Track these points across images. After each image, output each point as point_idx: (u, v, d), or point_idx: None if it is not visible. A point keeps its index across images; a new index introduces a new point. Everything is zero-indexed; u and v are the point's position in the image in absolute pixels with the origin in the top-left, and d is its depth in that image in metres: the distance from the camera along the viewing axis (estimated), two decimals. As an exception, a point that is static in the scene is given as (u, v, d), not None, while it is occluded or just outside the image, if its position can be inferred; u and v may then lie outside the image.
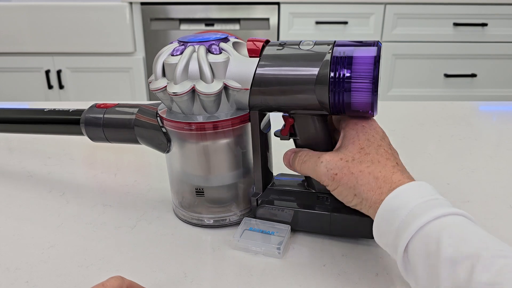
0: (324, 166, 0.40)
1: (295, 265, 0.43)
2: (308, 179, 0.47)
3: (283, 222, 0.47)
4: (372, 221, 0.43)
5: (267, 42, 0.43)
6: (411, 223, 0.33)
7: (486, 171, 0.63)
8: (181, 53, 0.42)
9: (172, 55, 0.43)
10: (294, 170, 0.45)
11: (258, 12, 1.89)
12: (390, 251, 0.36)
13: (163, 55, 0.43)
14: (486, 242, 0.30)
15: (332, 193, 0.41)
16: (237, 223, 0.48)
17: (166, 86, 0.43)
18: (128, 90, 1.98)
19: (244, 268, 0.42)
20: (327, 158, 0.40)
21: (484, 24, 1.89)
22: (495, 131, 0.80)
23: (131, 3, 1.86)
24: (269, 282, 0.40)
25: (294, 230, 0.47)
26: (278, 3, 1.87)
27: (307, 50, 0.40)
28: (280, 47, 0.42)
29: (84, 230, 0.49)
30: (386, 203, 0.35)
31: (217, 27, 1.90)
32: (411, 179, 0.37)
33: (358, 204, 0.38)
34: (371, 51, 0.38)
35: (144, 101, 0.66)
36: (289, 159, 0.45)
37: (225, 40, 0.44)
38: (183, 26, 1.89)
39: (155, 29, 1.90)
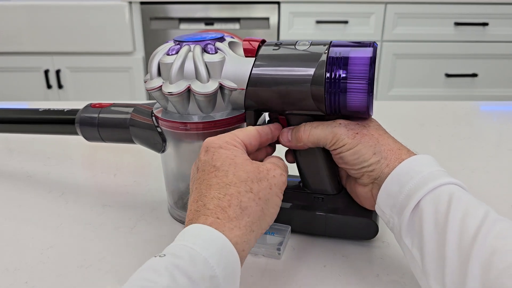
0: (344, 126, 0.40)
1: (295, 266, 0.42)
2: (304, 179, 0.47)
3: (279, 222, 0.46)
4: (367, 222, 0.43)
5: (263, 42, 0.43)
6: (426, 184, 0.35)
7: (487, 171, 0.62)
8: (177, 52, 0.42)
9: (168, 54, 0.42)
10: (296, 142, 0.42)
11: (258, 11, 1.88)
12: (392, 213, 0.37)
13: (159, 55, 0.43)
14: (489, 210, 0.34)
15: (347, 153, 0.40)
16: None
17: (161, 86, 0.42)
18: (127, 90, 1.98)
19: (244, 269, 0.42)
20: (345, 121, 0.40)
21: (485, 24, 1.89)
22: (496, 131, 0.80)
23: (130, 2, 1.85)
24: (269, 283, 0.40)
25: (294, 231, 0.46)
26: (278, 3, 1.86)
27: (303, 50, 0.40)
28: (276, 47, 0.41)
29: (83, 230, 0.49)
30: (405, 164, 0.38)
31: (216, 26, 1.89)
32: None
33: (374, 163, 0.39)
34: (367, 52, 0.38)
35: (143, 100, 0.66)
36: (288, 133, 0.43)
37: (221, 39, 0.44)
38: (183, 26, 1.89)
39: (155, 29, 1.90)
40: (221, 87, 0.42)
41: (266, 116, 0.48)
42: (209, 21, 1.90)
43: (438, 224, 0.34)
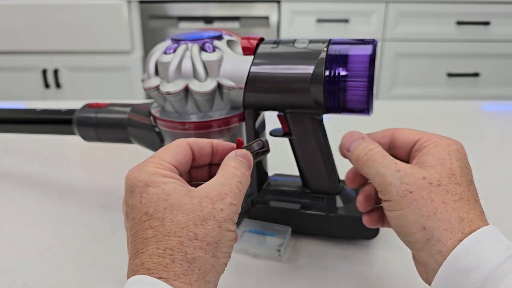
0: (399, 177, 0.30)
1: (295, 267, 0.42)
2: (304, 179, 0.46)
3: (279, 222, 0.46)
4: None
5: (261, 40, 0.43)
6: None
7: (490, 171, 0.62)
8: (174, 51, 0.42)
9: (165, 53, 0.42)
10: (350, 159, 0.34)
11: (258, 10, 1.88)
12: None
13: (156, 54, 0.43)
14: None
15: (391, 214, 0.31)
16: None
17: (159, 85, 0.42)
18: (125, 89, 1.98)
19: (244, 270, 0.42)
20: (407, 169, 0.31)
21: (487, 23, 1.88)
22: (498, 131, 0.79)
23: (129, 1, 1.85)
24: (269, 285, 0.40)
25: (294, 231, 0.46)
26: (278, 1, 1.86)
27: (302, 48, 0.40)
28: (275, 45, 0.41)
29: (81, 231, 0.49)
30: (454, 256, 0.27)
31: (216, 25, 1.89)
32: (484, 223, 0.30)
33: (422, 241, 0.29)
34: (367, 50, 0.37)
35: (142, 100, 0.66)
36: (350, 143, 0.34)
37: (219, 38, 0.44)
38: (182, 24, 1.89)
39: (153, 27, 1.89)
40: (219, 86, 0.41)
41: (264, 115, 0.48)
42: (208, 20, 1.89)
43: None
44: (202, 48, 0.42)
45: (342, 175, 0.45)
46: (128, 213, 0.29)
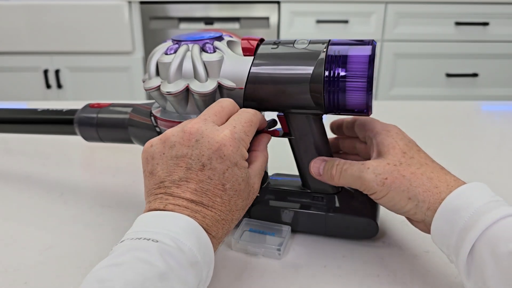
0: (371, 172, 0.37)
1: (295, 266, 0.42)
2: (303, 179, 0.46)
3: (278, 222, 0.46)
4: (367, 221, 0.43)
5: (261, 40, 0.43)
6: (476, 224, 0.32)
7: (489, 171, 0.62)
8: (175, 52, 0.42)
9: (166, 54, 0.42)
10: (328, 180, 0.41)
11: (258, 11, 1.88)
12: (450, 252, 0.35)
13: (157, 54, 0.43)
14: None
15: (381, 201, 0.38)
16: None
17: (160, 85, 0.42)
18: (127, 90, 1.98)
19: (244, 269, 0.42)
20: (373, 164, 0.38)
21: (486, 23, 1.88)
22: (497, 131, 0.79)
23: (130, 2, 1.85)
24: (269, 284, 0.40)
25: (294, 230, 0.46)
26: (278, 2, 1.86)
27: (302, 48, 0.40)
28: (275, 46, 0.41)
29: (82, 231, 0.49)
30: (448, 203, 0.34)
31: (216, 26, 1.89)
32: (463, 181, 0.37)
33: (412, 208, 0.36)
34: (366, 50, 0.38)
35: (143, 100, 0.66)
36: (319, 168, 0.42)
37: (219, 38, 0.44)
38: (183, 25, 1.89)
39: (154, 28, 1.90)
40: (220, 86, 0.42)
41: (264, 115, 0.48)
42: (209, 21, 1.90)
43: (503, 273, 0.30)
44: (203, 49, 0.42)
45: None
46: (205, 163, 0.34)
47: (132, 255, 0.29)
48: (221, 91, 0.42)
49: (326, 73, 0.38)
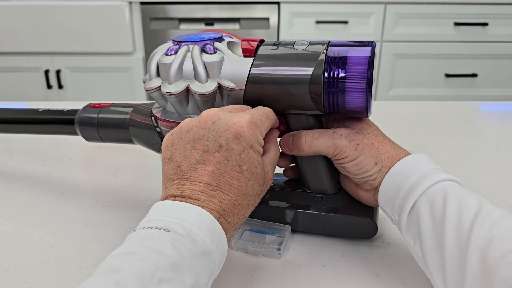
0: (345, 138, 0.41)
1: (295, 265, 0.42)
2: (303, 179, 0.47)
3: (278, 222, 0.46)
4: (366, 221, 0.43)
5: (261, 41, 0.43)
6: (420, 184, 0.37)
7: (487, 171, 0.62)
8: (175, 52, 0.42)
9: (166, 54, 0.42)
10: (298, 151, 0.42)
11: (258, 11, 1.88)
12: (394, 212, 0.39)
13: (157, 55, 0.43)
14: (483, 201, 0.35)
15: (348, 165, 0.41)
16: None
17: (160, 86, 0.42)
18: (127, 90, 1.98)
19: (244, 268, 0.42)
20: (345, 131, 0.41)
21: (485, 24, 1.89)
22: (496, 131, 0.80)
23: (130, 2, 1.85)
24: (269, 283, 0.40)
25: (294, 230, 0.46)
26: (278, 3, 1.86)
27: (302, 50, 0.40)
28: (275, 47, 0.41)
29: (83, 230, 0.49)
30: (397, 167, 0.39)
31: (217, 26, 1.89)
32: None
33: (376, 172, 0.40)
34: (366, 51, 0.38)
35: (143, 100, 0.66)
36: (288, 142, 0.43)
37: (220, 39, 0.44)
38: (183, 26, 1.89)
39: (155, 29, 1.90)
40: (220, 87, 0.42)
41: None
42: (209, 22, 1.90)
43: (435, 221, 0.35)
44: (203, 50, 0.42)
45: (340, 175, 0.45)
46: (221, 144, 0.35)
47: (143, 244, 0.30)
48: (221, 92, 0.42)
49: (326, 74, 0.38)
